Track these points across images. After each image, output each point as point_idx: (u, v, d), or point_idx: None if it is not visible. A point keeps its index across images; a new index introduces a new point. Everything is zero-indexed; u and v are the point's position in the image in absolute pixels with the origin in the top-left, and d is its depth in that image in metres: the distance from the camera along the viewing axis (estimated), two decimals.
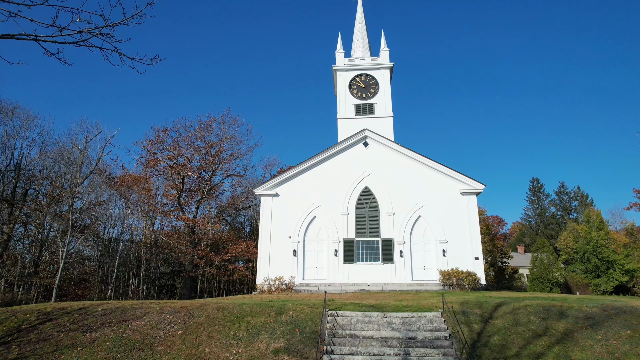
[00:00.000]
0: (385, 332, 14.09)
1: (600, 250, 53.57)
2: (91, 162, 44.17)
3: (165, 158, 43.23)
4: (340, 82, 33.40)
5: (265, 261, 28.68)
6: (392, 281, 27.55)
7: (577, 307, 15.31)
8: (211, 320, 15.34)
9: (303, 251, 28.96)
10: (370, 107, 32.53)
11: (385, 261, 28.23)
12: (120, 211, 48.57)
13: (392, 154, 30.46)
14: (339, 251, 28.60)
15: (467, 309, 15.66)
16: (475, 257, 28.17)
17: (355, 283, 27.38)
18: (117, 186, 46.02)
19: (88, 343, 13.86)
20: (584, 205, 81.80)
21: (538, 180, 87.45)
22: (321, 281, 27.85)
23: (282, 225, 29.37)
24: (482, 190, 29.25)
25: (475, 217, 28.90)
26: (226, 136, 45.51)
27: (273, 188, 30.17)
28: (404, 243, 28.53)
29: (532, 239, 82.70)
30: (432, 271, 28.15)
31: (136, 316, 15.76)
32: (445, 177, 29.68)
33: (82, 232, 33.58)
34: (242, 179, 48.57)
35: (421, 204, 29.24)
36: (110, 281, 41.29)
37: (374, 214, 29.36)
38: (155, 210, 45.74)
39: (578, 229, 65.82)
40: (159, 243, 47.53)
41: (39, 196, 35.30)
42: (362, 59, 34.01)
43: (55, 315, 15.91)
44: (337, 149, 30.63)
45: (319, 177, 30.32)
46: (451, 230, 28.64)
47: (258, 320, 15.19)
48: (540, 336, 13.33)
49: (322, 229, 29.33)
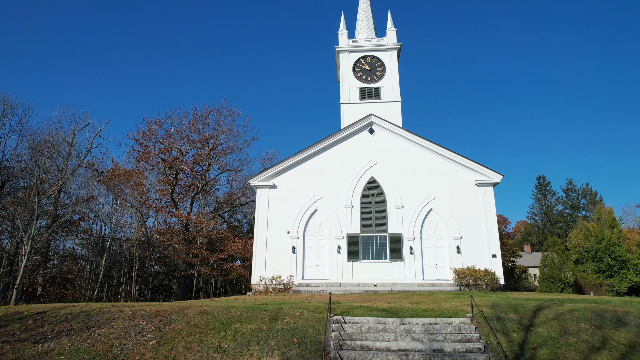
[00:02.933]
0: (404, 343, 11.45)
1: (613, 249, 51.13)
2: (79, 155, 41.66)
3: (158, 151, 40.75)
4: (343, 65, 30.75)
5: (262, 259, 26.04)
6: (401, 281, 24.91)
7: (636, 312, 12.67)
8: (192, 327, 12.71)
9: (303, 248, 26.34)
10: (376, 91, 29.88)
11: (394, 259, 25.60)
12: (110, 207, 45.92)
13: (400, 141, 27.82)
14: (342, 248, 25.99)
15: (500, 314, 13.02)
16: (493, 254, 25.56)
17: (360, 283, 24.75)
18: (107, 181, 43.40)
19: (37, 357, 11.23)
20: (593, 202, 79.31)
21: (544, 177, 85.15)
22: (323, 281, 25.22)
23: (280, 219, 26.75)
24: (500, 181, 26.63)
25: (493, 210, 26.27)
26: (222, 129, 43.20)
27: (270, 179, 27.53)
28: (414, 239, 25.91)
29: (539, 237, 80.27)
30: (445, 270, 25.53)
31: (102, 322, 13.12)
32: (458, 166, 27.07)
33: (64, 227, 30.95)
34: (239, 174, 45.97)
35: (432, 195, 26.61)
36: (97, 281, 38.61)
37: (380, 207, 26.73)
38: (147, 207, 43.14)
39: (589, 227, 63.29)
40: (151, 241, 44.98)
41: (17, 189, 32.64)
42: (367, 40, 31.36)
43: (6, 321, 13.27)
44: (340, 136, 27.99)
45: (321, 167, 27.70)
46: (466, 224, 26.02)
47: (248, 327, 12.55)
48: (599, 349, 10.71)
49: (324, 223, 26.71)
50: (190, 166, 42.08)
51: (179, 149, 41.40)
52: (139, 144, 40.62)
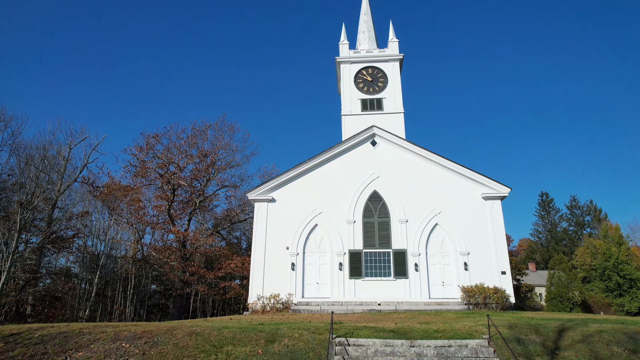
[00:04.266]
0: None
1: (621, 267, 49.77)
2: (75, 170, 40.73)
3: (156, 166, 39.88)
4: (344, 76, 30.03)
5: (259, 276, 24.79)
6: (406, 299, 23.61)
7: None
8: (179, 350, 11.50)
9: (303, 264, 25.12)
10: (378, 102, 29.08)
11: (398, 276, 24.35)
12: (105, 223, 44.75)
13: (403, 153, 26.87)
14: (344, 264, 24.77)
15: (520, 335, 11.81)
16: (502, 271, 24.31)
17: (363, 301, 23.45)
18: (103, 196, 42.37)
19: None
20: (598, 219, 78.12)
21: (547, 194, 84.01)
22: (324, 299, 23.93)
23: (279, 234, 25.60)
24: (507, 194, 25.57)
25: (501, 224, 25.14)
26: (221, 144, 42.50)
27: (269, 192, 26.49)
28: (419, 255, 24.72)
29: (543, 255, 78.83)
30: (452, 287, 24.25)
31: (81, 345, 11.91)
32: (464, 179, 26.05)
33: (54, 243, 29.75)
34: (237, 190, 44.94)
35: (438, 209, 25.52)
36: (89, 299, 37.17)
37: (384, 222, 25.61)
38: (143, 223, 42.00)
39: (595, 244, 61.95)
40: (147, 258, 43.68)
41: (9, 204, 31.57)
42: (368, 50, 30.72)
43: None
44: (341, 148, 27.06)
45: (321, 180, 26.68)
46: (473, 240, 24.86)
47: (241, 350, 11.34)
48: None
49: (325, 238, 25.55)
50: (188, 182, 41.19)
51: (177, 164, 40.56)
52: (136, 158, 39.86)
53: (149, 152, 39.99)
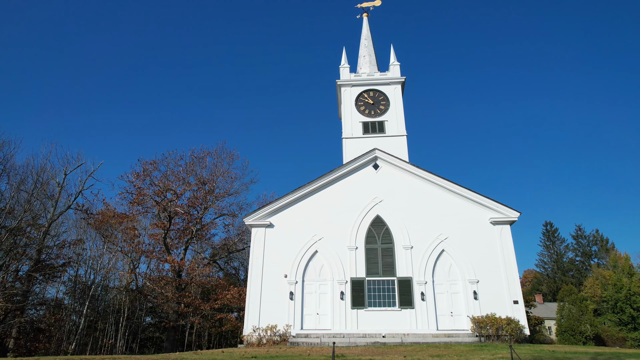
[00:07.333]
0: None
1: (634, 299, 47.88)
2: (70, 197, 39.69)
3: (152, 194, 38.93)
4: (345, 98, 29.47)
5: (255, 305, 23.30)
6: (412, 331, 22.05)
7: None
8: None
9: (302, 294, 23.69)
10: (380, 125, 28.36)
11: (403, 306, 22.86)
12: (98, 251, 43.30)
13: (407, 177, 25.90)
14: (345, 294, 23.33)
15: None
16: (515, 300, 22.82)
17: (366, 333, 21.89)
18: (98, 224, 41.14)
19: None
20: (605, 249, 76.28)
21: (552, 224, 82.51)
22: (324, 331, 22.37)
23: (277, 261, 24.29)
24: (517, 219, 24.40)
25: (511, 250, 23.82)
26: (220, 171, 41.64)
27: (267, 217, 25.36)
28: (426, 283, 23.32)
29: (550, 287, 76.62)
30: (461, 318, 22.71)
31: None
32: (470, 203, 24.95)
33: (41, 270, 28.36)
34: (236, 219, 43.74)
35: (444, 235, 24.30)
36: (77, 332, 35.33)
37: (387, 248, 24.34)
38: (138, 252, 40.63)
39: (605, 275, 59.98)
40: (142, 289, 42.03)
41: None
42: (369, 74, 30.30)
43: None
44: (342, 172, 26.11)
45: (322, 205, 25.60)
46: (482, 267, 23.51)
47: None
48: None
49: (325, 266, 24.22)
50: (186, 209, 40.10)
51: (174, 191, 39.59)
52: (132, 185, 38.97)
53: (145, 179, 39.17)
